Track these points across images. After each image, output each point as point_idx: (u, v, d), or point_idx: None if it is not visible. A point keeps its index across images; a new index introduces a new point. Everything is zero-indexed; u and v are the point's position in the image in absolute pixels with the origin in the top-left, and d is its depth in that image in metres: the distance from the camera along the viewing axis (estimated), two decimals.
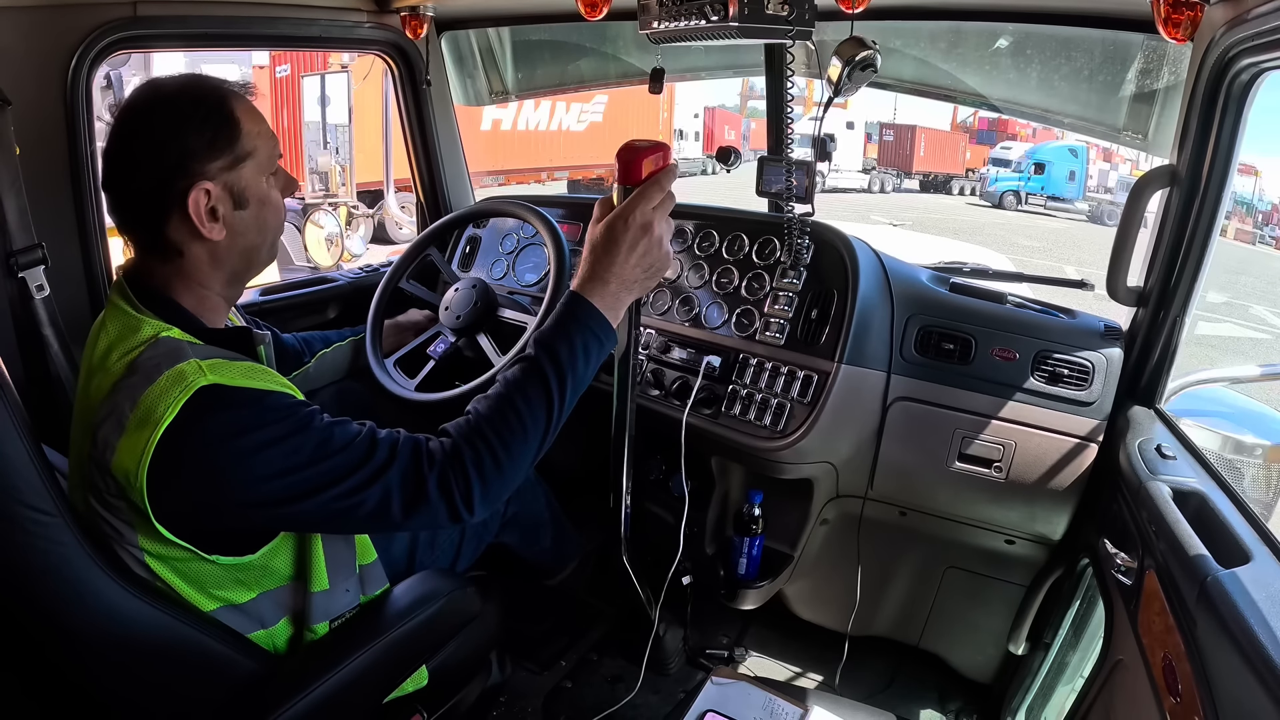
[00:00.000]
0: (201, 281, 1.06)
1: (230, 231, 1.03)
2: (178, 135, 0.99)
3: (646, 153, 1.18)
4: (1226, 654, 0.87)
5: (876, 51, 1.39)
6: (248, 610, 1.09)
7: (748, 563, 1.77)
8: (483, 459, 1.03)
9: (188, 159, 0.99)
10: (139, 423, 0.92)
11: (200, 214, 1.00)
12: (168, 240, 1.02)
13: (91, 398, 0.99)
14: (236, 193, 1.03)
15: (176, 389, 0.92)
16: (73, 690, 1.09)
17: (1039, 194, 22.58)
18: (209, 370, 0.94)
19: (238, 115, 1.02)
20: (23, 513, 0.90)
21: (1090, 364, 1.55)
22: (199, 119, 1.00)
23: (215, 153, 1.00)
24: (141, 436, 0.91)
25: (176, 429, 0.91)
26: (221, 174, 1.01)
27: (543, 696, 1.87)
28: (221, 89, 1.04)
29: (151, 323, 1.00)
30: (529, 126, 12.76)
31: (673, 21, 1.42)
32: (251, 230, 1.07)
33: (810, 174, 1.63)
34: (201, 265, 1.05)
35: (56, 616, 0.97)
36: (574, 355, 1.07)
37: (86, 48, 1.59)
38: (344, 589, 1.17)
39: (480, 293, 1.81)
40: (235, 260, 1.07)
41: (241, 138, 1.02)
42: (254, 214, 1.06)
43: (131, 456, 0.92)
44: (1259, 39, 1.15)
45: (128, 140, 1.00)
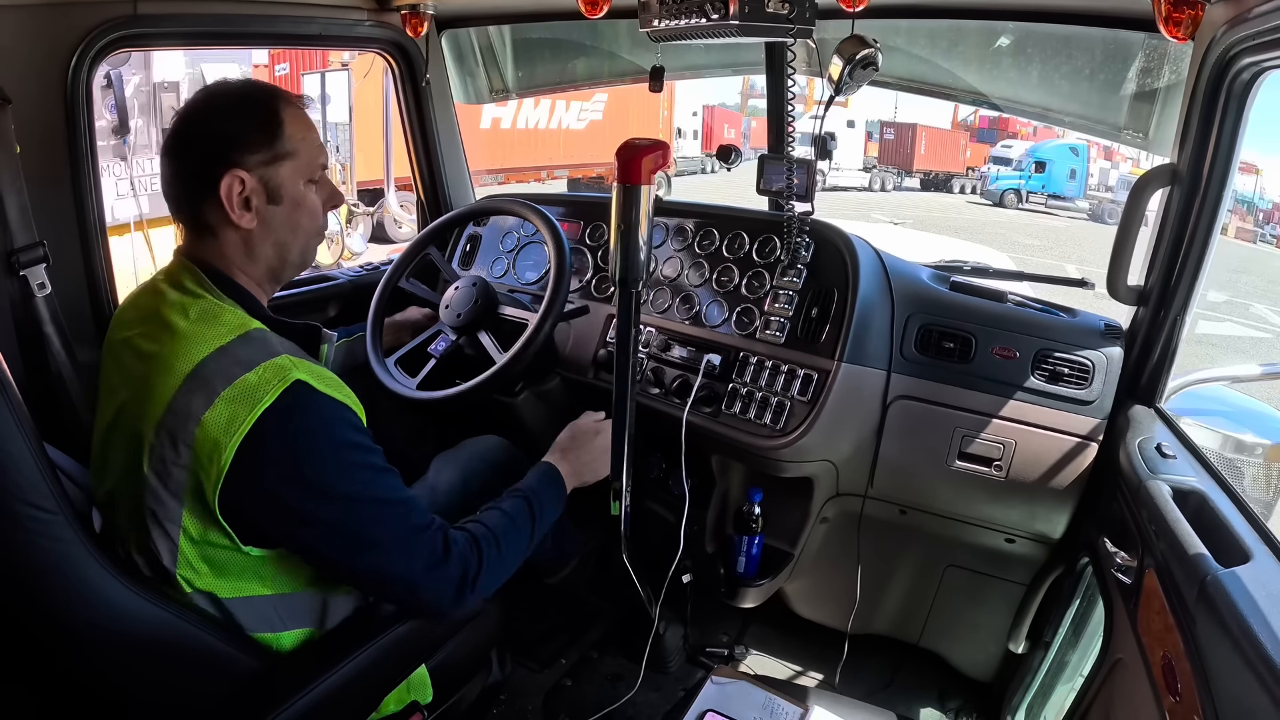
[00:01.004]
0: (241, 267, 1.12)
1: (261, 223, 1.10)
2: (223, 124, 1.07)
3: (646, 151, 1.19)
4: (1226, 653, 0.87)
5: (878, 50, 1.39)
6: (261, 606, 1.10)
7: (748, 561, 1.77)
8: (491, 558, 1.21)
9: (228, 147, 1.06)
10: (235, 400, 0.97)
11: (231, 199, 1.06)
12: (203, 220, 1.09)
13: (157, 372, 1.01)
14: (271, 188, 1.09)
15: (275, 378, 0.99)
16: (74, 687, 1.09)
17: (1040, 192, 22.55)
18: (299, 367, 1.01)
19: (283, 116, 1.10)
20: (24, 510, 0.91)
21: (1090, 363, 1.55)
22: (244, 112, 1.08)
23: (255, 146, 1.07)
24: (237, 413, 0.97)
25: (272, 414, 0.97)
26: (259, 167, 1.07)
27: (543, 694, 1.87)
28: (274, 92, 1.12)
29: (233, 310, 1.07)
30: (529, 125, 12.73)
31: (673, 19, 1.42)
32: (283, 227, 1.13)
33: (811, 172, 1.63)
34: (237, 250, 1.11)
35: (58, 614, 0.97)
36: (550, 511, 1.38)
37: (87, 46, 1.59)
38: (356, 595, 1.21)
39: (481, 291, 1.81)
40: (268, 252, 1.13)
41: (283, 138, 1.09)
42: (286, 211, 1.12)
43: (220, 429, 0.96)
44: (1260, 38, 1.14)
45: (183, 124, 1.08)
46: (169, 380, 0.99)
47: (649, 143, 1.31)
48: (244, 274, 1.13)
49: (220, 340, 1.02)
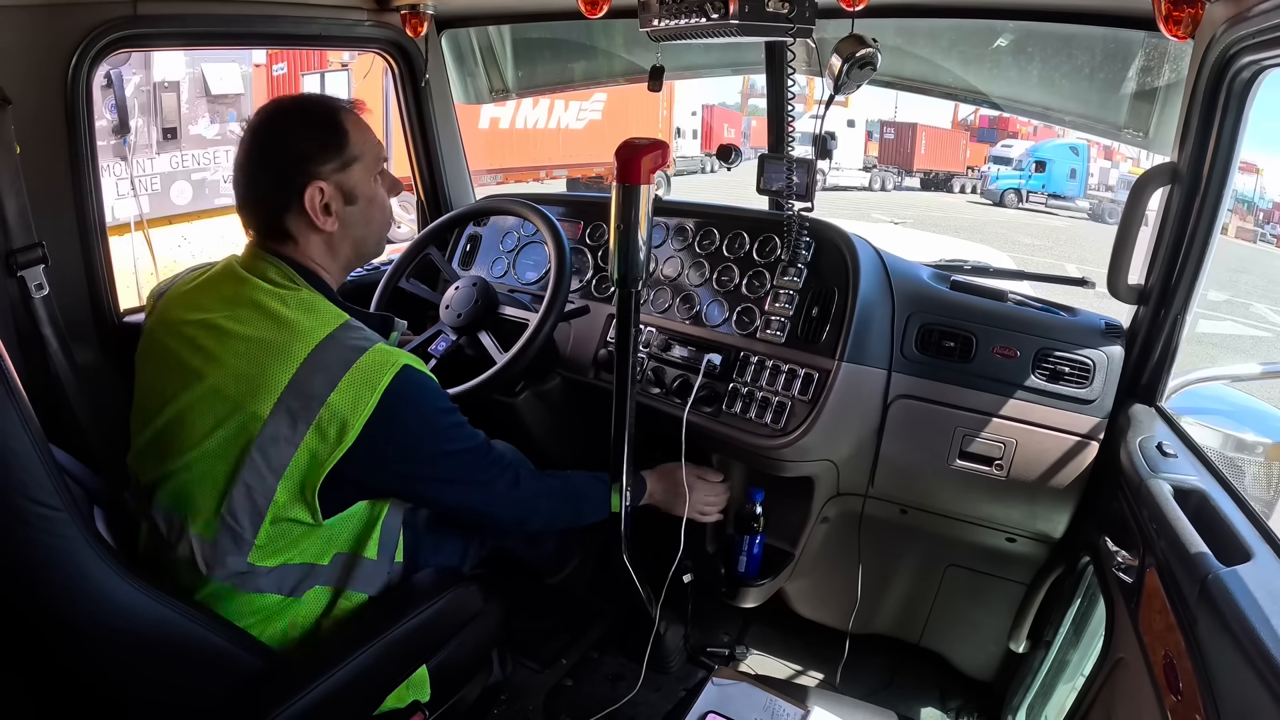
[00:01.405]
0: (322, 264, 1.22)
1: (341, 224, 1.20)
2: (295, 143, 1.16)
3: (645, 151, 1.19)
4: (1227, 652, 0.87)
5: (876, 49, 1.39)
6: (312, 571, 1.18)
7: (748, 561, 1.77)
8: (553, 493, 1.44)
9: (303, 163, 1.15)
10: (358, 383, 1.08)
11: (315, 208, 1.16)
12: (286, 231, 1.19)
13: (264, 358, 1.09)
14: (347, 190, 1.19)
15: (388, 362, 1.11)
16: (76, 685, 1.09)
17: (1040, 192, 22.52)
18: (400, 355, 1.14)
19: (345, 125, 1.19)
20: (28, 507, 0.91)
21: (1091, 362, 1.55)
22: (312, 129, 1.17)
23: (327, 157, 1.17)
24: (360, 394, 1.08)
25: (390, 394, 1.10)
26: (333, 174, 1.17)
27: (544, 694, 1.87)
28: (331, 104, 1.21)
29: (325, 301, 1.17)
30: (527, 125, 12.68)
31: (673, 19, 1.42)
32: (360, 224, 1.23)
33: (811, 172, 1.63)
34: (318, 252, 1.21)
35: (60, 610, 0.98)
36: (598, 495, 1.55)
37: (87, 47, 1.59)
38: (388, 559, 1.28)
39: (481, 291, 1.81)
40: (347, 249, 1.25)
41: (350, 144, 1.19)
42: (362, 209, 1.22)
43: (347, 408, 1.08)
44: (1260, 36, 1.14)
45: (256, 146, 1.17)
46: (286, 364, 1.08)
47: (648, 142, 1.31)
48: (324, 269, 1.22)
49: (327, 329, 1.12)
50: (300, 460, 1.08)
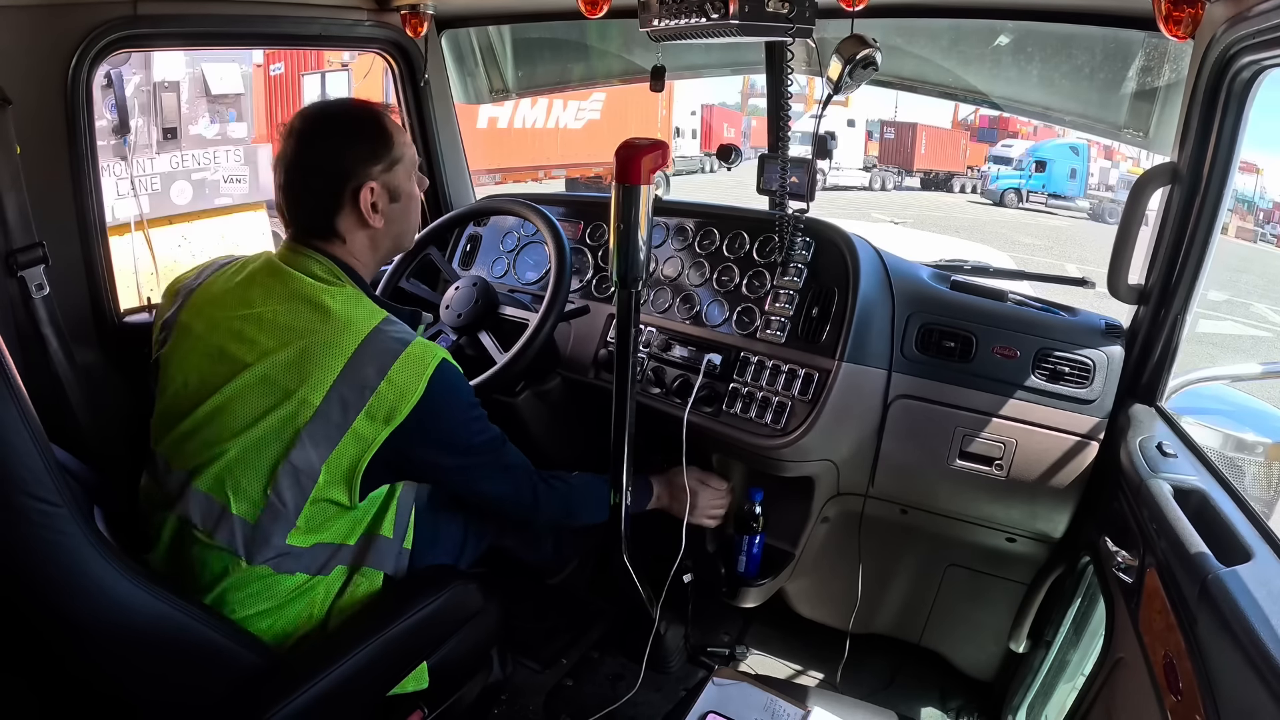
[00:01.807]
0: (363, 260, 1.29)
1: (387, 221, 1.27)
2: (347, 147, 1.22)
3: (645, 151, 1.20)
4: (1227, 652, 0.87)
5: (877, 49, 1.39)
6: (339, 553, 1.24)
7: (749, 561, 1.77)
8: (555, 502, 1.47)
9: (356, 165, 1.22)
10: (405, 371, 1.16)
11: (367, 207, 1.23)
12: (335, 230, 1.24)
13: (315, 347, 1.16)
14: (392, 189, 1.26)
15: (429, 355, 1.20)
16: (76, 683, 1.10)
17: (1040, 192, 22.53)
18: (438, 349, 1.22)
19: (389, 129, 1.26)
20: (29, 503, 0.91)
21: (1091, 362, 1.55)
22: (362, 133, 1.24)
23: (375, 159, 1.23)
24: (408, 382, 1.16)
25: (433, 384, 1.18)
26: (381, 175, 1.24)
27: (544, 694, 1.87)
28: (375, 108, 1.28)
29: (366, 297, 1.24)
30: (526, 124, 12.66)
31: (673, 19, 1.42)
32: (401, 219, 1.31)
33: (810, 171, 1.63)
34: (363, 249, 1.28)
35: (60, 606, 0.98)
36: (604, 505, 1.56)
37: (87, 47, 1.59)
38: (400, 538, 1.34)
39: (481, 291, 1.81)
40: (388, 244, 1.32)
41: (394, 146, 1.25)
42: (404, 206, 1.30)
43: (396, 395, 1.15)
44: (1260, 36, 1.14)
45: (305, 152, 1.23)
46: (337, 355, 1.15)
47: (648, 142, 1.31)
48: (363, 264, 1.29)
49: (373, 321, 1.19)
50: (347, 444, 1.15)
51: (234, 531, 1.14)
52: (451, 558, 1.52)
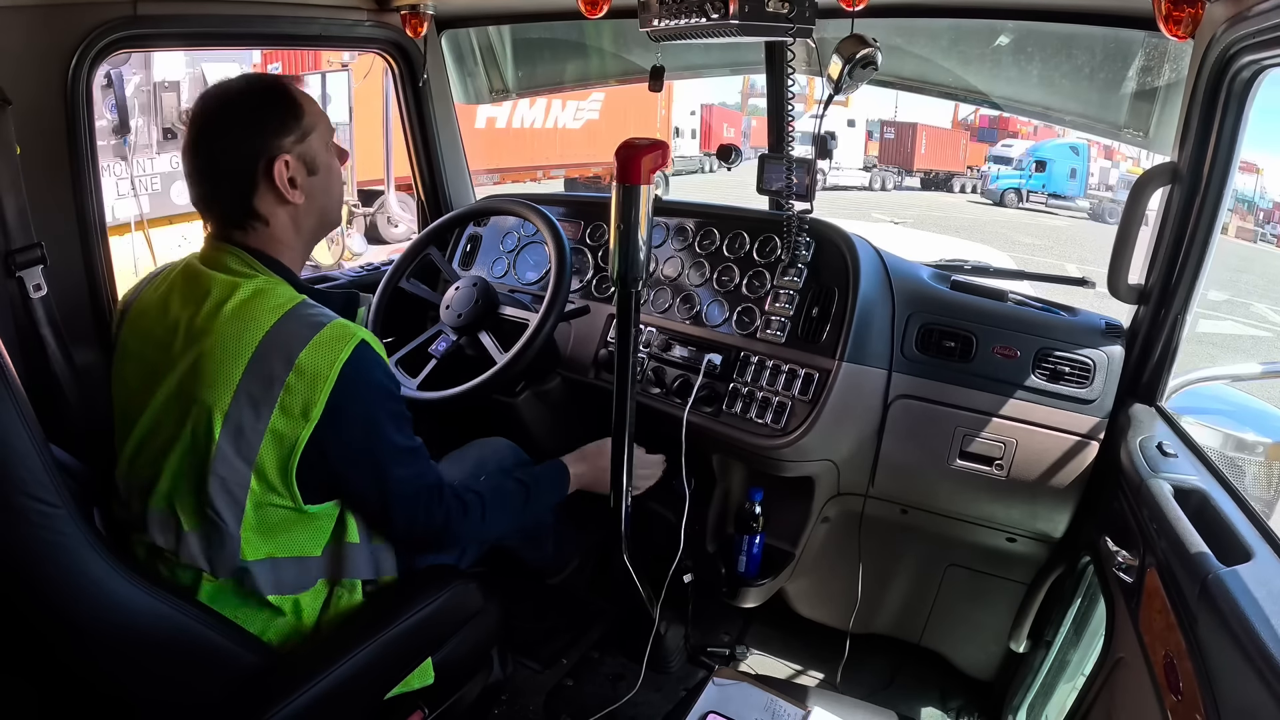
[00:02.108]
0: (287, 243, 1.22)
1: (307, 196, 1.20)
2: (254, 120, 1.15)
3: (645, 151, 1.20)
4: (1228, 652, 0.87)
5: (877, 49, 1.39)
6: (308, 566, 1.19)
7: (749, 561, 1.77)
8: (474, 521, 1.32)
9: (270, 137, 1.15)
10: (315, 359, 1.08)
11: (284, 182, 1.16)
12: (255, 211, 1.18)
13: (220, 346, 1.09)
14: (309, 161, 1.20)
15: (347, 337, 1.11)
16: (77, 683, 1.10)
17: (1040, 191, 22.54)
18: (358, 330, 1.14)
19: (297, 98, 1.20)
20: (28, 504, 0.91)
21: (1091, 361, 1.55)
22: (269, 103, 1.17)
23: (288, 130, 1.17)
24: (319, 369, 1.08)
25: (349, 369, 1.10)
26: (295, 146, 1.17)
27: (544, 694, 1.87)
28: (279, 78, 1.23)
29: (283, 285, 1.17)
30: (524, 124, 12.60)
31: (673, 19, 1.42)
32: (322, 193, 1.24)
33: (811, 171, 1.63)
34: (286, 230, 1.21)
35: (60, 607, 0.98)
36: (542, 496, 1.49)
37: (87, 47, 1.59)
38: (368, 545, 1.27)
39: (481, 291, 1.81)
40: (312, 222, 1.25)
41: (305, 116, 1.19)
42: (323, 179, 1.23)
43: (306, 386, 1.08)
44: (1260, 36, 1.14)
45: (211, 132, 1.16)
46: (240, 352, 1.08)
47: (648, 142, 1.31)
48: (287, 251, 1.22)
49: (281, 309, 1.11)
50: (269, 447, 1.08)
51: (194, 549, 1.11)
52: (454, 558, 1.52)
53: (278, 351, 1.08)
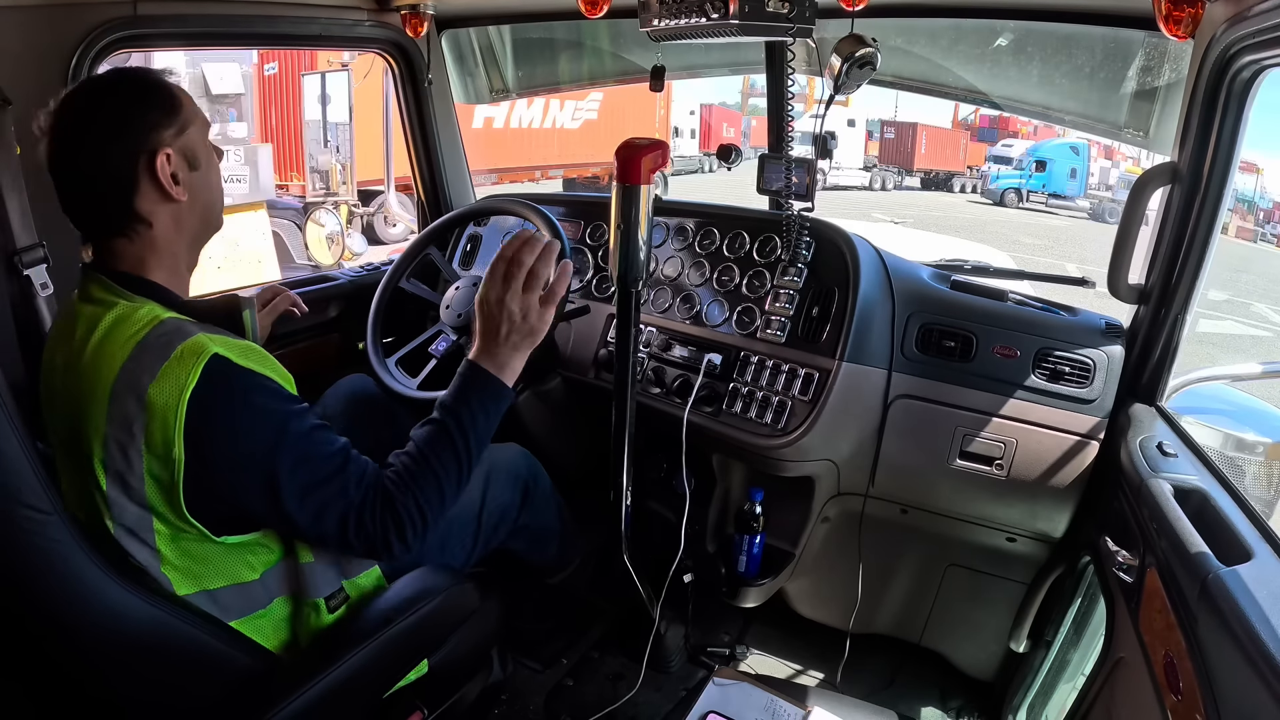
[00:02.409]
0: (170, 249, 1.12)
1: (190, 191, 1.11)
2: (129, 116, 1.07)
3: (645, 151, 1.19)
4: (1228, 651, 0.87)
5: (876, 49, 1.39)
6: (251, 591, 1.12)
7: (749, 560, 1.77)
8: (410, 508, 1.13)
9: (149, 130, 1.07)
10: (166, 392, 0.97)
11: (167, 177, 1.07)
12: (137, 213, 1.08)
13: (86, 389, 1.01)
14: (190, 156, 1.11)
15: (193, 357, 0.98)
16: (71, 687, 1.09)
17: (1040, 191, 22.56)
18: (214, 343, 1.01)
19: (174, 90, 1.12)
20: (20, 511, 0.90)
21: (1091, 361, 1.55)
22: (148, 95, 1.09)
23: (167, 122, 1.09)
24: (169, 403, 0.97)
25: (200, 394, 0.97)
26: (175, 140, 1.09)
27: (544, 694, 1.87)
28: (149, 70, 1.13)
29: (148, 306, 1.05)
30: (521, 124, 12.51)
31: (673, 19, 1.42)
32: (205, 189, 1.15)
33: (811, 171, 1.63)
34: (169, 231, 1.11)
35: (55, 614, 0.97)
36: (474, 416, 1.19)
37: (87, 47, 1.59)
38: (327, 561, 1.20)
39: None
40: (196, 220, 1.15)
41: (182, 108, 1.11)
42: (205, 175, 1.14)
43: (165, 427, 0.97)
44: (1260, 36, 1.14)
45: (84, 131, 1.06)
46: (100, 393, 0.99)
47: (648, 142, 1.31)
48: (167, 259, 1.12)
49: (135, 339, 1.00)
50: (153, 488, 1.00)
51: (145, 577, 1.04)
52: (460, 561, 1.52)
53: (130, 390, 0.98)
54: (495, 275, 1.21)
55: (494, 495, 1.57)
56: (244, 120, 6.54)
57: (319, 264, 7.86)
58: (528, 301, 1.21)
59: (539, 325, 1.22)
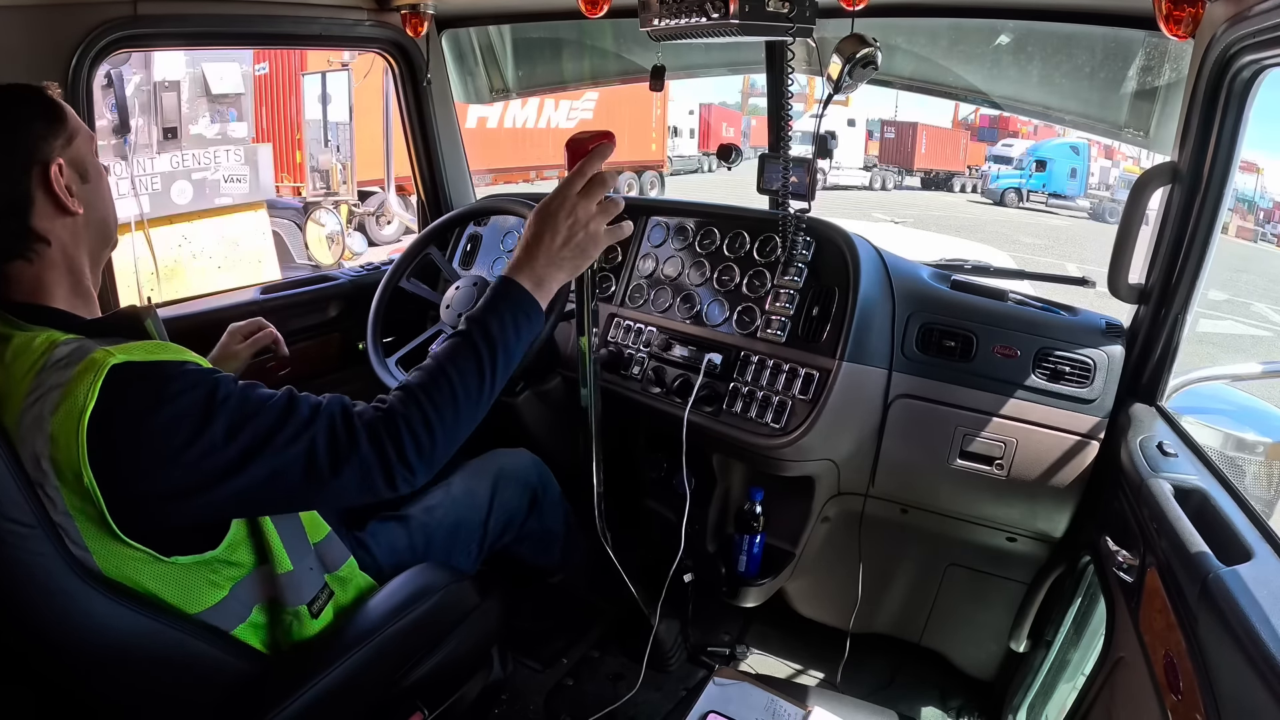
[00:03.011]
0: (70, 267, 1.06)
1: (85, 205, 1.06)
2: (22, 125, 1.02)
3: (588, 143, 1.17)
4: (1228, 651, 0.87)
5: (877, 48, 1.39)
6: (223, 608, 1.07)
7: (749, 560, 1.77)
8: (413, 421, 1.02)
9: (39, 141, 1.02)
10: (66, 419, 0.90)
11: (62, 190, 1.02)
12: (34, 231, 1.02)
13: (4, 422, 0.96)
14: (80, 168, 1.07)
15: (90, 374, 0.91)
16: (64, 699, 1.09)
17: (1040, 191, 22.55)
18: (116, 351, 0.94)
19: (57, 101, 1.07)
20: (2, 525, 0.89)
21: (1092, 361, 1.55)
22: (33, 107, 1.04)
23: (54, 134, 1.04)
24: (72, 432, 0.89)
25: (101, 413, 0.90)
26: (63, 151, 1.04)
27: (544, 694, 1.87)
28: (29, 85, 1.08)
29: (44, 332, 0.99)
30: (516, 124, 12.44)
31: (673, 19, 1.42)
32: (98, 201, 1.10)
33: (811, 171, 1.63)
34: (67, 248, 1.05)
35: (41, 627, 0.96)
36: (504, 329, 1.10)
37: (87, 47, 1.59)
38: (307, 567, 1.16)
39: (481, 290, 1.81)
40: (93, 235, 1.09)
41: (67, 119, 1.06)
42: (95, 186, 1.09)
43: (70, 457, 0.90)
44: (1260, 36, 1.14)
45: None
46: (10, 440, 0.93)
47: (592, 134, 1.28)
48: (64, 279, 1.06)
49: (34, 370, 0.94)
50: (85, 523, 0.94)
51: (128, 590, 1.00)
52: (465, 565, 1.52)
53: (34, 425, 0.92)
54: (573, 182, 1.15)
55: (502, 501, 1.58)
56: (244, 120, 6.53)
57: (319, 264, 7.86)
58: (590, 210, 1.15)
59: (590, 246, 1.16)
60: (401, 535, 1.43)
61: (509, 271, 1.14)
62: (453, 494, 1.54)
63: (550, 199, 1.15)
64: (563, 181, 1.16)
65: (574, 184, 1.15)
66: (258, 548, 1.10)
